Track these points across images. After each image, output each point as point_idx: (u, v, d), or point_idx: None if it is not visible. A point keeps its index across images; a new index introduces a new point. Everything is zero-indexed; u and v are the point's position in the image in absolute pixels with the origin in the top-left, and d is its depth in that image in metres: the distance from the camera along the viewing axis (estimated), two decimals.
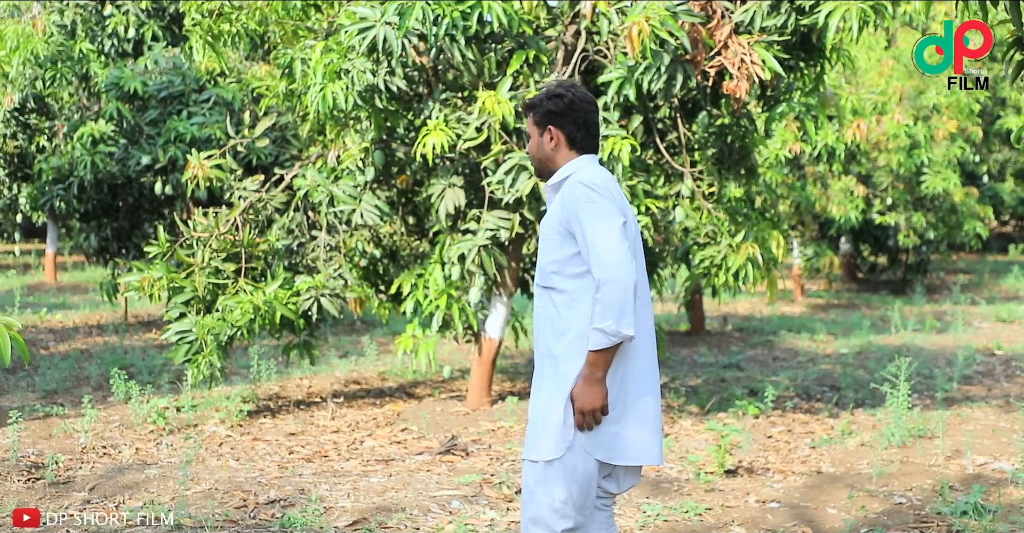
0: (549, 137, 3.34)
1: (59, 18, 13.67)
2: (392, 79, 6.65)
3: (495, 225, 6.96)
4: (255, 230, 8.09)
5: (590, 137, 3.35)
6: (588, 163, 3.34)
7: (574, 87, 3.37)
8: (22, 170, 15.84)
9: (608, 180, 3.26)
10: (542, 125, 3.35)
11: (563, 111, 3.31)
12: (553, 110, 3.32)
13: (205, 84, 12.03)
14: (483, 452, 6.63)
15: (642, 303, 3.24)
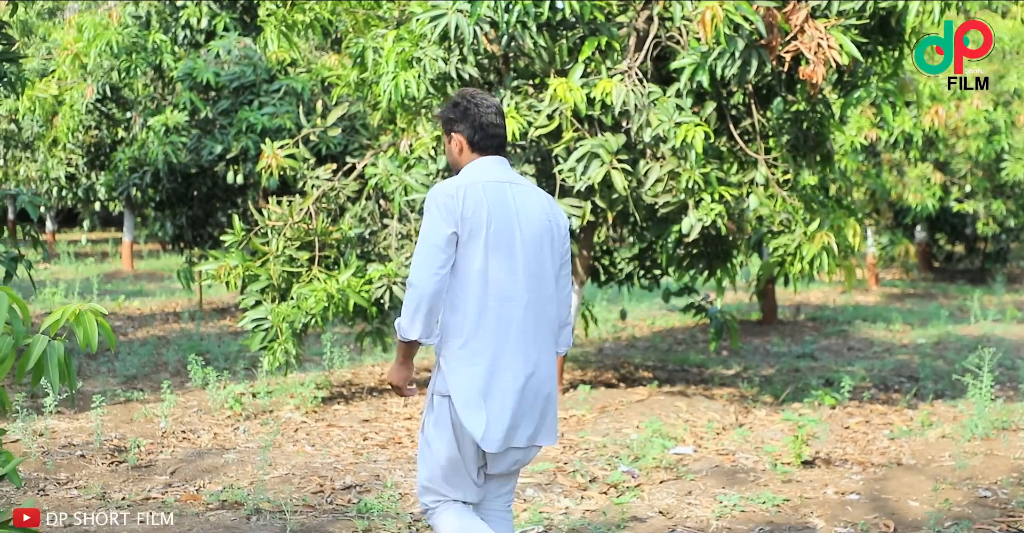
0: (454, 143, 3.54)
1: (134, 9, 13.88)
2: (464, 67, 6.65)
3: (567, 213, 6.93)
4: (328, 219, 8.16)
5: (488, 137, 3.50)
6: (480, 166, 3.48)
7: (472, 95, 3.55)
8: (100, 160, 16.17)
9: (462, 185, 3.37)
10: (447, 133, 3.56)
11: (459, 117, 3.51)
12: (452, 117, 3.53)
13: (276, 74, 12.13)
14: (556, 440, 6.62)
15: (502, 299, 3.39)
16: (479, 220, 3.33)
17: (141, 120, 13.94)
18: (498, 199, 3.39)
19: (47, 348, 3.18)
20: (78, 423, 6.94)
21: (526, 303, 3.42)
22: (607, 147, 6.54)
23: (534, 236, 3.44)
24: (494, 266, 3.36)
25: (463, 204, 3.32)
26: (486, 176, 3.43)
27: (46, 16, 21.32)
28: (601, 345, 10.93)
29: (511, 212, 3.40)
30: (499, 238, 3.36)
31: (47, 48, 17.65)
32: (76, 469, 5.80)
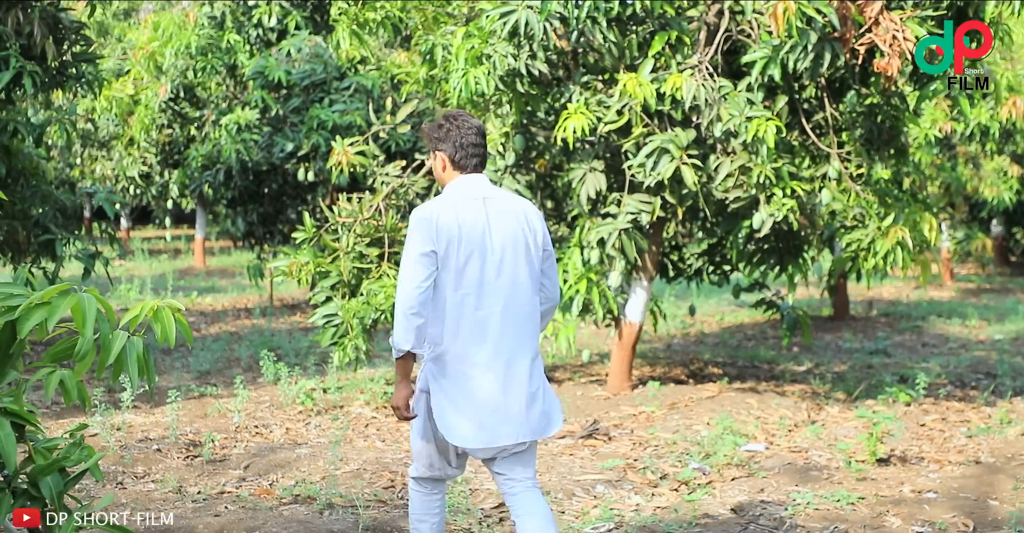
0: (438, 160, 3.82)
1: (209, 9, 14.09)
2: (533, 63, 6.64)
3: (636, 208, 6.90)
4: (397, 215, 8.21)
5: (467, 157, 3.79)
6: (459, 185, 3.77)
7: (455, 117, 3.84)
8: (173, 158, 16.44)
9: (440, 208, 3.66)
10: (432, 151, 3.86)
11: (442, 137, 3.79)
12: (436, 137, 3.82)
13: (346, 72, 12.24)
14: (625, 437, 6.60)
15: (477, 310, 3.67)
16: (453, 238, 3.61)
17: (214, 118, 14.15)
18: (472, 217, 3.66)
19: (127, 344, 3.23)
20: (154, 418, 7.07)
21: (502, 310, 3.69)
22: (677, 142, 6.49)
23: (509, 245, 3.70)
24: (469, 279, 3.65)
25: (437, 226, 3.60)
26: (463, 194, 3.72)
27: (121, 17, 21.74)
28: (670, 341, 10.86)
29: (484, 227, 3.67)
30: (472, 253, 3.64)
31: (123, 48, 17.98)
32: (153, 463, 5.91)
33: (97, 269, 9.01)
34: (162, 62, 14.23)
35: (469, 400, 3.66)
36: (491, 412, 3.65)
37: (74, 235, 9.04)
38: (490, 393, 3.66)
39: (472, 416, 3.65)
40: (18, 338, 3.07)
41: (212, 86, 14.79)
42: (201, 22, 14.22)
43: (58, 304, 3.05)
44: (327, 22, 14.14)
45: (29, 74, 7.54)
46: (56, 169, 17.25)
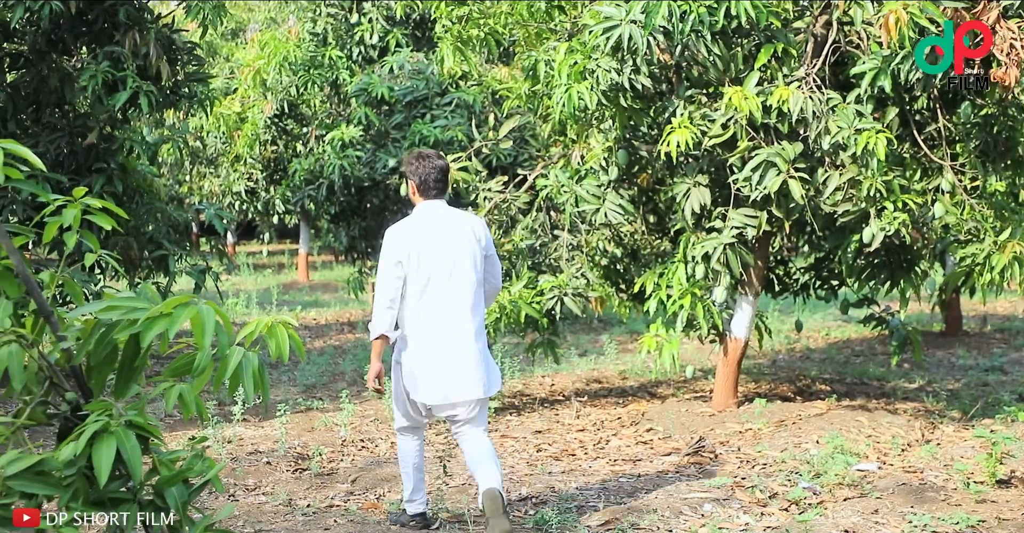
0: (410, 186, 5.07)
1: (312, 26, 14.36)
2: (637, 77, 6.61)
3: (741, 223, 6.81)
4: (500, 230, 8.25)
5: (429, 189, 5.01)
6: (421, 209, 5.01)
7: (425, 156, 5.04)
8: (278, 174, 16.78)
9: (407, 227, 4.94)
10: (407, 178, 5.10)
11: (412, 171, 5.02)
12: (410, 169, 5.04)
13: (447, 88, 12.36)
14: (732, 454, 6.51)
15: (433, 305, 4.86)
16: (414, 251, 4.85)
17: (317, 134, 14.40)
18: (429, 233, 4.91)
19: (243, 359, 3.28)
20: (263, 431, 7.20)
21: (452, 302, 4.87)
22: (784, 156, 6.39)
23: (458, 253, 4.91)
24: (427, 280, 4.85)
25: (402, 241, 4.87)
26: (425, 216, 4.98)
27: (229, 36, 22.30)
28: (774, 357, 10.69)
29: (438, 241, 4.90)
30: (429, 262, 4.86)
31: (230, 67, 18.44)
32: (263, 475, 6.01)
33: (207, 284, 9.24)
34: (267, 79, 14.54)
35: (428, 368, 4.87)
36: (445, 377, 4.87)
37: (185, 250, 9.28)
38: (444, 363, 4.87)
39: (431, 379, 4.87)
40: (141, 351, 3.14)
41: (316, 103, 15.06)
42: (304, 38, 14.50)
43: (178, 315, 3.12)
44: (428, 39, 14.31)
45: (145, 94, 7.78)
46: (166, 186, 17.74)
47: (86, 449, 2.89)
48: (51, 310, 3.10)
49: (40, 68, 8.30)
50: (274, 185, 17.46)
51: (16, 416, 2.97)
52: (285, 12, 18.25)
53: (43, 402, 3.10)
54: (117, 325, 3.10)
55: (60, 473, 2.92)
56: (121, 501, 3.04)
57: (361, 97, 12.46)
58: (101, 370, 3.19)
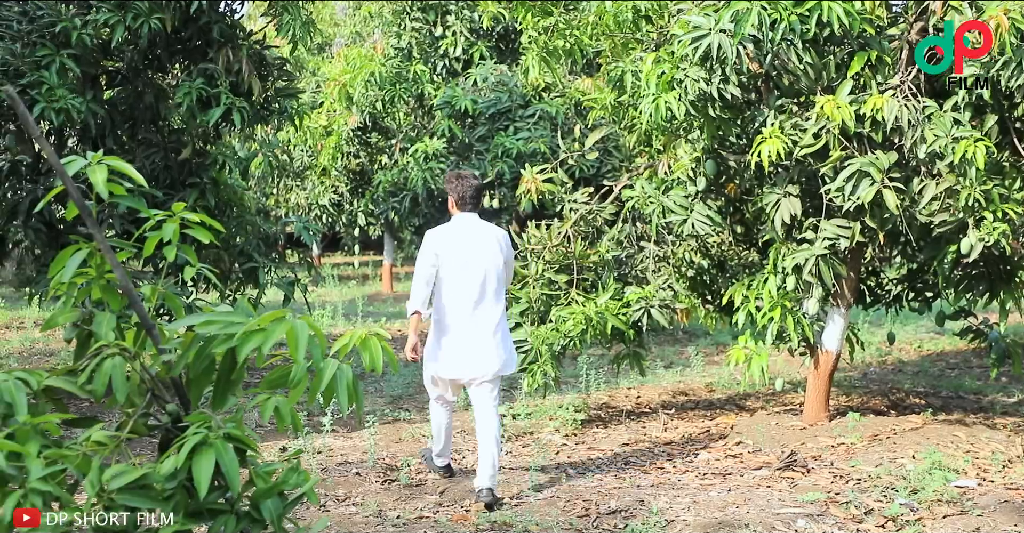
0: (450, 201, 6.07)
1: (397, 41, 14.51)
2: (726, 87, 6.53)
3: (834, 234, 6.69)
4: (586, 242, 8.21)
5: (465, 203, 6.01)
6: (457, 219, 6.01)
7: (463, 176, 6.04)
8: (363, 186, 16.96)
9: (442, 232, 5.95)
10: (448, 193, 6.10)
11: (452, 188, 6.02)
12: (450, 186, 6.05)
13: (530, 100, 12.38)
14: (825, 469, 6.38)
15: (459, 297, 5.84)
16: (446, 251, 5.85)
17: (402, 147, 14.54)
18: (460, 238, 5.90)
19: (337, 372, 3.30)
20: (351, 442, 7.25)
21: (474, 293, 5.84)
22: (878, 165, 6.26)
23: (483, 256, 5.89)
24: (455, 273, 5.84)
25: (439, 241, 5.88)
26: (460, 224, 5.97)
27: (315, 51, 22.64)
28: (866, 370, 10.47)
29: (467, 245, 5.88)
30: (458, 261, 5.85)
31: (316, 82, 18.71)
32: (353, 486, 6.05)
33: (296, 295, 9.35)
34: (353, 93, 14.72)
35: (451, 347, 5.85)
36: (464, 356, 5.84)
37: (274, 263, 9.41)
38: (465, 344, 5.84)
39: (453, 357, 5.85)
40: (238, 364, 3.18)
41: (400, 116, 15.21)
42: (388, 53, 14.66)
43: (273, 330, 3.15)
44: (512, 50, 14.37)
45: (238, 110, 7.92)
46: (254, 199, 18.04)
47: (186, 462, 2.93)
48: (152, 323, 3.15)
49: (136, 85, 8.51)
50: (358, 197, 17.66)
51: (119, 428, 3.02)
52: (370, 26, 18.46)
53: (145, 414, 3.15)
54: (215, 339, 3.14)
55: (161, 486, 2.96)
56: (219, 512, 3.07)
57: (445, 110, 12.56)
58: (199, 382, 3.23)
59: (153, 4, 7.64)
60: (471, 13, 14.07)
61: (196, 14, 8.02)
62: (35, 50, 7.59)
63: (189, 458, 2.91)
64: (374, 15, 16.42)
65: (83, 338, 3.23)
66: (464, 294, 5.83)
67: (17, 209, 8.22)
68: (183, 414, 3.13)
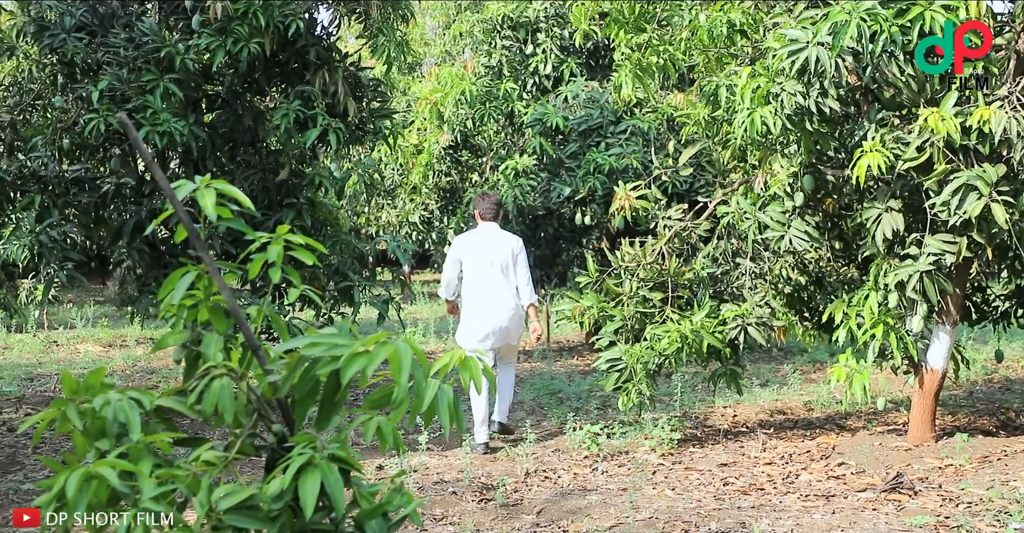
0: (476, 214, 8.01)
1: (487, 60, 14.58)
2: (824, 100, 6.42)
3: (939, 249, 6.51)
4: (680, 259, 8.13)
5: (485, 215, 7.97)
6: (481, 227, 8.01)
7: (485, 196, 8.09)
8: (453, 204, 17.05)
9: (466, 236, 8.07)
10: (473, 207, 8.15)
11: (478, 204, 8.04)
12: (475, 202, 8.11)
13: (622, 115, 12.32)
14: (933, 492, 6.19)
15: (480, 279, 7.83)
16: (468, 250, 7.88)
17: (492, 164, 14.57)
18: (482, 241, 7.90)
19: (438, 392, 3.30)
20: (447, 460, 7.26)
21: (491, 283, 7.80)
22: (986, 178, 6.08)
23: (497, 255, 7.84)
24: (476, 269, 7.84)
25: (464, 243, 7.95)
26: (482, 231, 7.97)
27: (406, 71, 22.89)
28: (972, 389, 10.16)
29: (485, 246, 7.86)
30: (478, 258, 7.84)
31: (407, 101, 18.90)
32: (449, 505, 6.05)
33: (390, 313, 9.42)
34: (444, 112, 14.80)
35: (475, 323, 7.81)
36: (486, 329, 7.76)
37: (369, 281, 9.50)
38: (486, 320, 7.78)
39: (478, 330, 7.78)
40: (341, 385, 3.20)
41: (491, 133, 15.25)
42: (479, 72, 14.73)
43: (377, 353, 3.16)
44: (602, 67, 14.33)
45: (334, 131, 8.04)
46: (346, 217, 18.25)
47: (292, 482, 2.95)
48: (259, 344, 3.18)
49: (236, 108, 8.68)
50: (449, 215, 17.76)
51: (227, 448, 3.05)
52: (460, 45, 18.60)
53: (251, 434, 3.18)
54: (320, 360, 3.16)
55: (268, 506, 2.98)
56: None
57: (536, 127, 12.55)
58: (304, 403, 3.25)
59: (253, 29, 7.79)
60: (561, 31, 14.08)
61: (294, 38, 8.15)
62: (140, 75, 7.79)
63: (295, 479, 2.93)
64: (464, 34, 16.53)
65: (192, 359, 3.28)
66: (483, 282, 7.80)
67: (122, 230, 8.44)
68: (288, 434, 3.15)
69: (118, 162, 8.53)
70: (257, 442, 3.22)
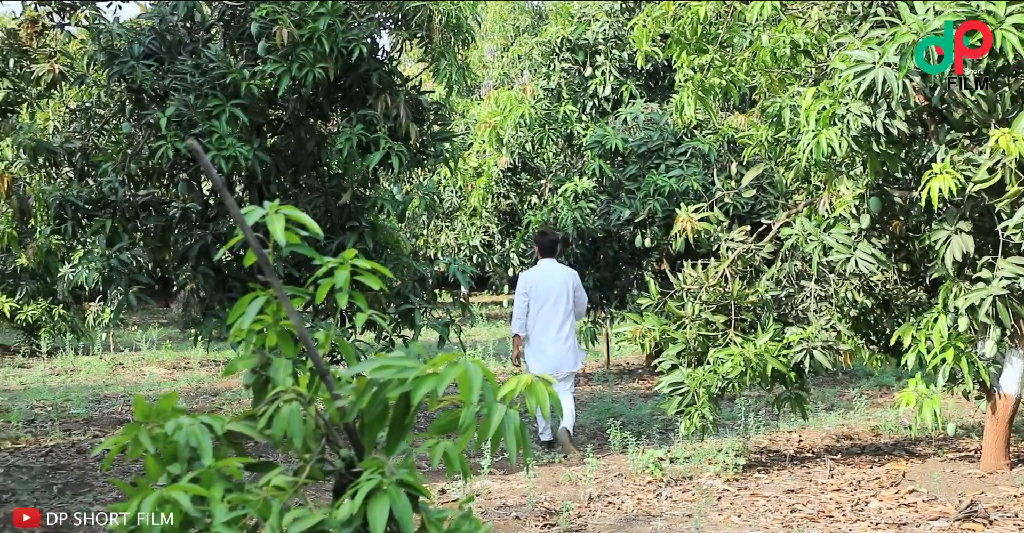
0: (537, 249, 8.96)
1: (546, 82, 14.62)
2: (891, 121, 6.32)
3: (1012, 273, 6.37)
4: (743, 281, 8.04)
5: (544, 252, 8.93)
6: (541, 263, 8.96)
7: (545, 233, 9.10)
8: (513, 226, 17.07)
9: (530, 273, 8.96)
10: (534, 243, 9.11)
11: (538, 241, 8.99)
12: (536, 239, 9.06)
13: (682, 137, 12.27)
14: (1008, 521, 6.03)
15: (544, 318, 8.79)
16: (533, 286, 8.76)
17: (551, 187, 14.57)
18: (542, 277, 8.81)
19: (505, 417, 3.28)
20: (509, 484, 7.23)
21: (554, 318, 8.71)
22: None
23: (558, 289, 8.76)
24: (541, 304, 8.72)
25: (528, 279, 8.82)
26: (543, 267, 8.90)
27: (465, 93, 23.05)
28: None
29: (546, 281, 8.78)
30: (542, 294, 8.74)
31: (466, 124, 18.99)
32: (512, 530, 6.02)
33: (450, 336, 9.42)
34: (503, 135, 14.85)
35: (539, 354, 8.73)
36: (548, 359, 8.66)
37: (429, 304, 9.51)
38: (547, 351, 8.69)
39: (541, 360, 8.68)
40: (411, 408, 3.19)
41: (549, 156, 15.26)
42: (538, 94, 14.77)
43: (447, 374, 3.15)
44: (662, 88, 14.29)
45: (396, 154, 8.08)
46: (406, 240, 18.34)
47: (361, 508, 2.94)
48: (327, 369, 3.18)
49: (299, 132, 8.78)
50: (509, 237, 17.77)
51: (297, 473, 3.06)
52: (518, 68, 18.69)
53: (320, 459, 3.18)
54: (389, 384, 3.16)
55: (337, 531, 2.98)
56: None
57: (595, 149, 12.53)
58: (373, 428, 3.25)
59: (317, 54, 7.87)
60: (620, 52, 14.08)
61: (357, 62, 8.22)
62: (206, 101, 7.91)
63: (364, 504, 2.93)
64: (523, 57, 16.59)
65: (261, 384, 3.29)
66: (546, 315, 8.74)
67: (187, 254, 8.54)
68: (356, 459, 3.15)
69: (184, 187, 8.66)
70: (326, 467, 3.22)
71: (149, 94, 8.49)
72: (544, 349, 8.71)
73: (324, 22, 7.88)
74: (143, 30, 8.64)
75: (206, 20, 8.81)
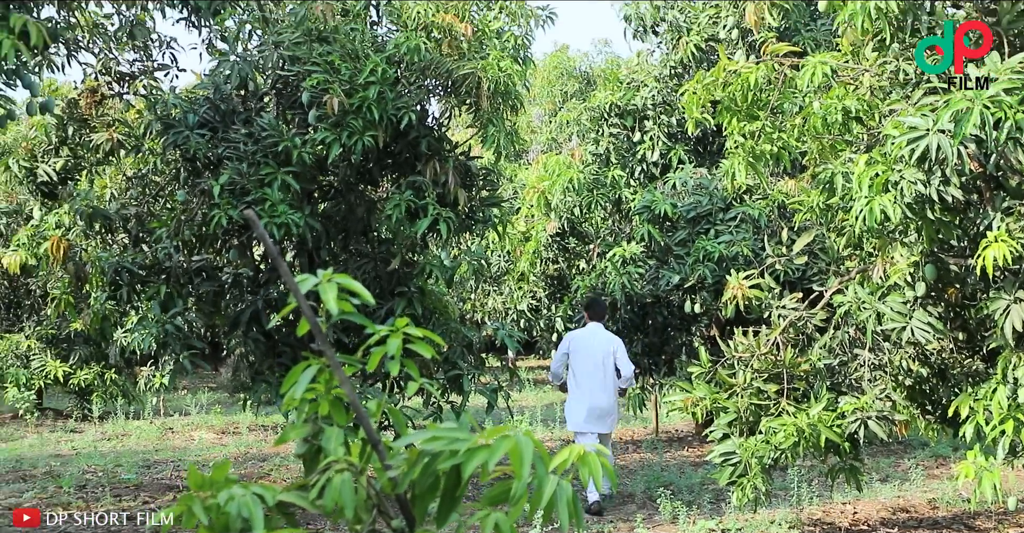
0: (586, 314, 9.60)
1: (594, 148, 14.69)
2: (946, 189, 6.25)
3: None
4: (796, 349, 7.93)
5: (595, 315, 9.50)
6: (589, 326, 9.51)
7: (594, 301, 9.80)
8: (560, 291, 17.04)
9: (576, 333, 9.66)
10: (583, 308, 10.01)
11: (587, 306, 9.70)
12: (584, 305, 9.93)
13: (731, 202, 12.24)
14: None
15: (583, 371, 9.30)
16: (576, 346, 9.33)
17: (599, 251, 14.57)
18: (585, 339, 9.37)
19: (557, 488, 3.23)
20: None
21: (593, 376, 9.19)
22: None
23: (600, 350, 9.23)
24: (581, 362, 9.27)
25: (570, 341, 9.44)
26: (589, 329, 9.45)
27: (513, 158, 23.24)
28: None
29: (591, 343, 9.29)
30: (584, 353, 9.27)
31: (513, 188, 19.10)
32: None
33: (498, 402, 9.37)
34: (551, 199, 14.91)
35: (579, 409, 9.22)
36: (588, 415, 9.13)
37: (477, 369, 9.49)
38: (587, 407, 9.14)
39: (581, 415, 9.16)
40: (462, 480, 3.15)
41: (597, 220, 15.28)
42: (586, 159, 14.85)
43: (498, 446, 3.11)
44: (710, 153, 14.32)
45: (444, 220, 8.13)
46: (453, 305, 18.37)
47: None
48: (379, 439, 3.16)
49: (349, 198, 8.87)
50: (556, 302, 17.74)
51: None
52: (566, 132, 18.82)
53: (372, 530, 3.15)
54: (440, 455, 3.13)
55: None
56: None
57: (644, 214, 12.54)
58: (424, 499, 3.21)
59: (367, 122, 7.98)
60: (668, 118, 14.15)
61: (406, 129, 8.32)
62: (259, 169, 8.03)
63: None
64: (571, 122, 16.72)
65: (312, 453, 3.28)
66: (586, 376, 9.21)
67: (239, 319, 8.60)
68: (408, 530, 3.11)
69: (236, 253, 8.75)
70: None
71: (203, 162, 8.63)
72: (581, 407, 9.19)
73: (374, 91, 8.00)
74: (198, 99, 8.81)
75: (259, 89, 8.98)
